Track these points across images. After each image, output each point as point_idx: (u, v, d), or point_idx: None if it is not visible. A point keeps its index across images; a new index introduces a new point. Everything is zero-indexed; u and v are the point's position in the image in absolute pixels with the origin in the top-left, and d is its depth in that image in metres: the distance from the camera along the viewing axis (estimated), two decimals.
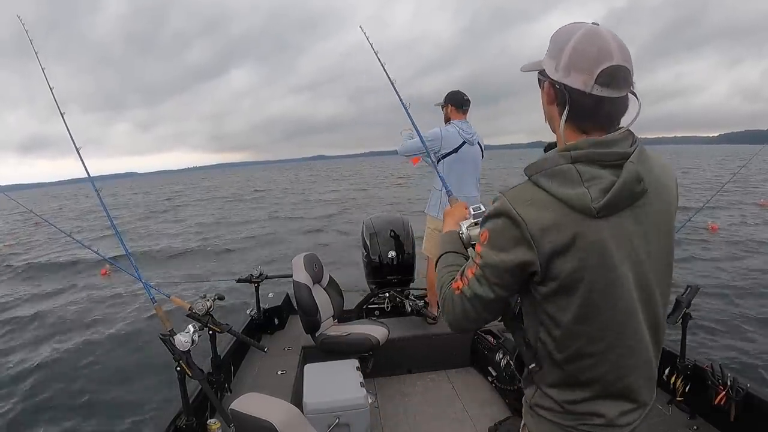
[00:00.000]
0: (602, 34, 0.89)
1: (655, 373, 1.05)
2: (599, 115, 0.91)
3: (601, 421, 0.99)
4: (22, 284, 10.26)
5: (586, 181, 0.87)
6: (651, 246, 0.94)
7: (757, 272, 7.95)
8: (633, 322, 0.95)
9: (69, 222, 22.88)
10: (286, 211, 21.38)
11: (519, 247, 0.90)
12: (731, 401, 1.96)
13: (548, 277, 0.91)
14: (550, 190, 0.89)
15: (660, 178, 0.96)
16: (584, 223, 0.87)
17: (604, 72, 0.87)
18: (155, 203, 32.83)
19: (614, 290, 0.91)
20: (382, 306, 3.65)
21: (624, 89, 0.90)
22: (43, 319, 7.44)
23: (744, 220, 13.05)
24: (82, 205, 33.68)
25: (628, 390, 0.99)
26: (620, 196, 0.87)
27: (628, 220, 0.90)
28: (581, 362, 0.96)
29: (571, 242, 0.88)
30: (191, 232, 16.71)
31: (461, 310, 1.01)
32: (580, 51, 0.89)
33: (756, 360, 4.86)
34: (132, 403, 4.58)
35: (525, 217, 0.89)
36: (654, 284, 0.97)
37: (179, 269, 10.66)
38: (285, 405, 1.73)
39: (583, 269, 0.89)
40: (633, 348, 0.96)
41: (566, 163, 0.89)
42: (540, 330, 0.98)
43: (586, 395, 0.98)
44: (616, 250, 0.90)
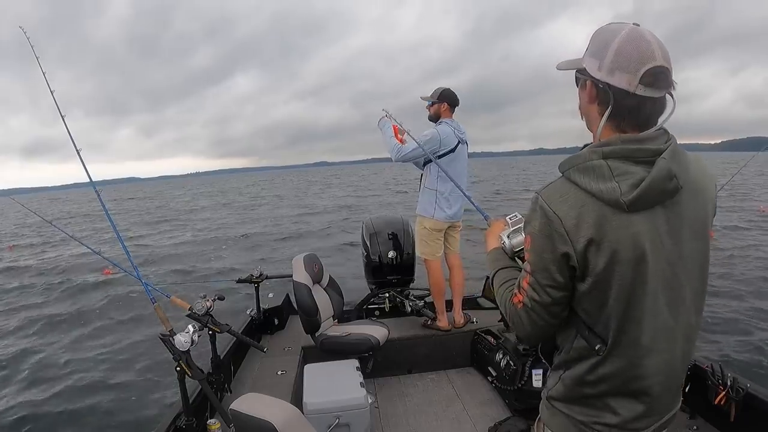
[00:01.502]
0: (645, 34, 0.90)
1: (680, 380, 1.04)
2: (640, 114, 0.92)
3: (614, 420, 0.99)
4: (24, 284, 10.26)
5: (617, 176, 0.88)
6: (684, 247, 0.94)
7: (757, 273, 7.96)
8: (657, 323, 0.95)
9: (79, 225, 22.84)
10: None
11: (557, 243, 0.92)
12: (731, 401, 1.96)
13: (585, 273, 0.92)
14: (583, 185, 0.91)
15: (697, 178, 0.96)
16: (615, 217, 0.88)
17: (648, 72, 0.88)
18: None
19: (643, 286, 0.91)
20: (382, 306, 3.65)
21: (664, 89, 0.91)
22: (43, 319, 7.44)
23: (744, 225, 13.05)
24: (90, 208, 33.55)
25: (643, 392, 0.98)
26: (650, 191, 0.88)
27: (660, 217, 0.91)
28: (604, 359, 0.96)
29: (603, 235, 0.89)
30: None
31: (528, 322, 1.01)
32: (624, 51, 0.89)
33: (756, 360, 4.86)
34: (132, 403, 4.57)
35: (559, 213, 0.91)
36: (686, 287, 0.96)
37: (180, 269, 10.66)
38: (285, 405, 1.73)
39: (616, 263, 0.89)
40: (653, 349, 0.96)
41: (598, 158, 0.90)
42: (575, 327, 1.00)
43: (603, 390, 0.99)
44: (649, 246, 0.90)
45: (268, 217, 19.76)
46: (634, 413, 0.99)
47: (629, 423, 0.99)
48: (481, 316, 3.43)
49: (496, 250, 1.24)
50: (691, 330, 1.01)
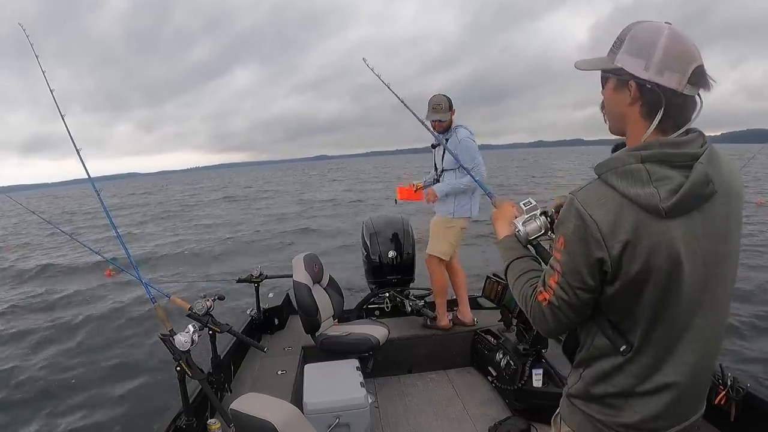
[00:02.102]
0: (684, 35, 0.90)
1: (706, 382, 1.04)
2: (684, 114, 0.92)
3: (632, 420, 0.99)
4: (23, 284, 10.26)
5: (656, 181, 0.88)
6: (719, 249, 0.94)
7: (757, 272, 7.95)
8: (688, 325, 0.95)
9: (79, 224, 22.80)
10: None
11: (592, 247, 0.91)
12: (731, 401, 1.96)
13: (617, 277, 0.91)
14: (620, 189, 0.90)
15: (729, 180, 0.95)
16: (653, 223, 0.88)
17: (696, 71, 0.88)
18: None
19: (677, 290, 0.91)
20: (382, 306, 3.65)
21: (705, 88, 0.91)
22: (43, 319, 7.44)
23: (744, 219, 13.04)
24: (91, 206, 33.48)
25: (666, 393, 0.97)
26: (689, 196, 0.88)
27: (697, 222, 0.90)
28: (638, 353, 0.96)
29: (639, 241, 0.88)
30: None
31: (553, 320, 1.01)
32: (673, 51, 0.88)
33: (756, 360, 4.86)
34: (132, 403, 4.58)
35: (596, 217, 0.90)
36: (720, 288, 0.96)
37: (179, 269, 10.66)
38: (285, 405, 1.73)
39: (650, 269, 0.89)
40: (681, 351, 0.96)
41: (636, 162, 0.90)
42: (599, 326, 1.00)
43: (623, 390, 0.98)
44: (684, 250, 0.89)
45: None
46: (653, 413, 0.98)
47: (648, 423, 0.98)
48: (481, 316, 3.43)
49: (510, 238, 1.21)
50: (720, 331, 1.01)
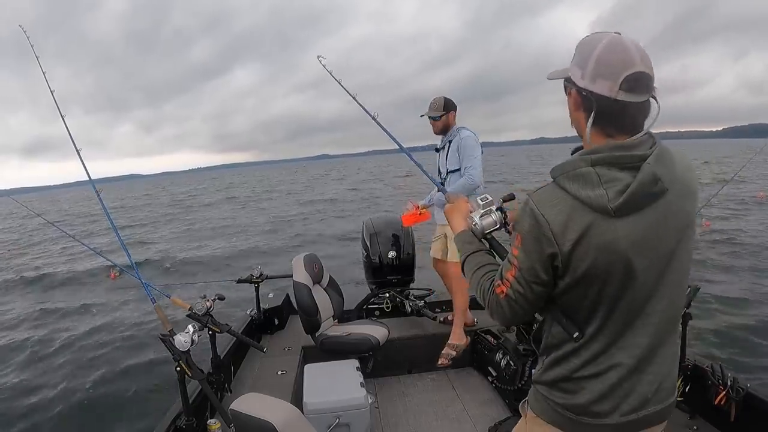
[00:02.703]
0: (625, 42, 0.96)
1: (665, 369, 1.08)
2: (624, 119, 0.98)
3: (573, 400, 1.07)
4: (22, 284, 10.26)
5: (605, 183, 0.94)
6: (672, 242, 1.00)
7: (757, 272, 7.95)
8: (639, 313, 1.01)
9: (83, 226, 22.78)
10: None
11: (544, 245, 0.98)
12: (731, 401, 1.96)
13: (567, 272, 0.99)
14: (572, 192, 0.96)
15: (683, 177, 1.01)
16: (603, 222, 0.94)
17: (628, 78, 0.93)
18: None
19: (629, 286, 0.98)
20: (382, 306, 3.65)
21: (646, 94, 0.96)
22: (42, 319, 7.45)
23: (742, 214, 13.02)
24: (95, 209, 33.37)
25: (620, 377, 1.03)
26: (637, 195, 0.93)
27: (648, 219, 0.96)
28: (590, 340, 1.03)
29: (587, 239, 0.95)
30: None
31: (510, 311, 1.09)
32: (604, 59, 0.95)
33: (756, 360, 4.86)
34: (132, 403, 4.58)
35: (548, 217, 0.97)
36: (672, 279, 1.02)
37: (180, 269, 10.66)
38: (285, 405, 1.73)
39: (601, 265, 0.96)
40: (634, 338, 1.02)
41: (586, 166, 0.96)
42: (558, 313, 1.07)
43: (580, 374, 1.05)
44: (632, 247, 0.96)
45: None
46: (600, 393, 1.04)
47: (597, 403, 1.05)
48: (481, 316, 3.43)
49: (466, 233, 1.28)
50: (671, 315, 1.06)
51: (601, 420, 1.05)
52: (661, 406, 1.08)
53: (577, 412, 1.07)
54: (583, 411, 1.06)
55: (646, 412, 1.06)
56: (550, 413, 1.11)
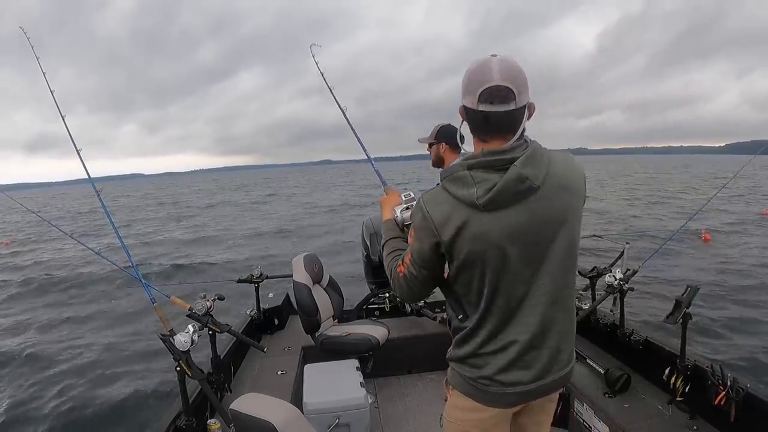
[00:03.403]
0: (489, 63, 1.12)
1: (553, 342, 1.23)
2: (489, 126, 1.14)
3: (481, 372, 1.24)
4: (21, 283, 10.26)
5: (477, 183, 1.12)
6: (548, 232, 1.16)
7: (757, 273, 7.96)
8: (519, 293, 1.18)
9: (85, 224, 22.75)
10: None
11: (429, 236, 1.18)
12: (731, 401, 1.95)
13: (452, 258, 1.19)
14: (452, 192, 1.15)
15: (561, 177, 1.17)
16: (476, 216, 1.13)
17: (483, 92, 1.10)
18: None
19: (505, 270, 1.16)
20: (382, 306, 3.65)
21: (507, 104, 1.11)
22: (42, 319, 7.44)
23: (746, 228, 13.04)
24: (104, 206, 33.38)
25: (512, 350, 1.21)
26: (502, 192, 1.10)
27: (521, 213, 1.13)
28: (482, 319, 1.22)
29: (464, 230, 1.14)
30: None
31: (407, 288, 1.32)
32: (469, 78, 1.13)
33: (756, 360, 4.86)
34: (132, 403, 4.58)
35: (432, 213, 1.17)
36: (550, 264, 1.18)
37: (180, 269, 10.66)
38: (285, 405, 1.73)
39: (475, 252, 1.15)
40: (517, 314, 1.20)
41: (463, 170, 1.14)
42: (455, 296, 1.26)
43: (480, 350, 1.24)
44: (504, 237, 1.13)
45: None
46: (504, 365, 1.22)
47: (502, 373, 1.22)
48: None
49: (390, 221, 1.48)
50: (556, 297, 1.21)
51: (507, 389, 1.23)
52: (559, 375, 1.26)
53: (486, 383, 1.25)
54: (491, 382, 1.24)
55: (544, 382, 1.24)
56: (465, 386, 1.29)
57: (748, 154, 5.68)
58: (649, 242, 9.25)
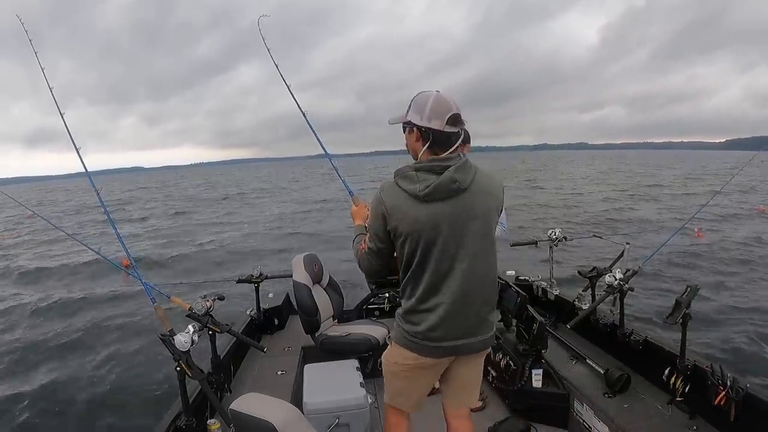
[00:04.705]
0: (445, 96, 1.53)
1: (470, 309, 1.59)
2: (448, 143, 1.54)
3: (420, 329, 1.60)
4: (20, 283, 10.24)
5: (420, 181, 1.52)
6: (469, 223, 1.54)
7: (757, 273, 7.96)
8: (443, 267, 1.55)
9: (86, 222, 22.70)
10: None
11: (382, 217, 1.58)
12: (731, 401, 1.95)
13: (397, 235, 1.57)
14: (401, 186, 1.55)
15: (484, 184, 1.58)
16: (418, 205, 1.52)
17: (449, 118, 1.50)
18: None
19: (435, 246, 1.54)
20: (382, 306, 3.65)
21: (459, 126, 1.53)
22: (42, 319, 7.43)
23: (743, 225, 13.05)
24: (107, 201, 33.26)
25: (438, 311, 1.57)
26: (438, 189, 1.50)
27: (450, 206, 1.52)
28: (415, 285, 1.60)
29: (407, 215, 1.53)
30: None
31: (368, 262, 1.69)
32: (435, 108, 1.51)
33: (756, 360, 4.86)
34: (132, 403, 4.57)
35: (385, 200, 1.56)
36: (467, 247, 1.55)
37: (180, 269, 10.66)
38: (285, 405, 1.73)
39: (414, 232, 1.54)
40: (441, 282, 1.56)
41: (412, 171, 1.54)
42: (401, 266, 1.63)
43: (415, 309, 1.60)
44: (436, 222, 1.52)
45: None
46: (434, 323, 1.58)
47: (432, 330, 1.58)
48: None
49: (361, 226, 1.87)
50: (475, 272, 1.57)
51: (436, 343, 1.59)
52: (481, 338, 1.64)
53: (419, 337, 1.60)
54: (423, 337, 1.60)
55: (467, 341, 1.61)
56: (402, 339, 1.66)
57: (748, 150, 5.69)
58: (649, 242, 9.25)
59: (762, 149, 3.32)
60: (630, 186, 26.86)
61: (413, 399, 1.81)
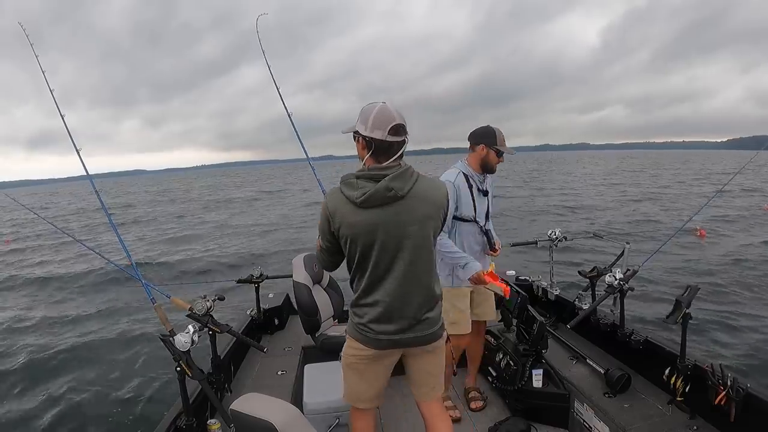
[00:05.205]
0: (389, 108, 1.62)
1: (409, 306, 1.69)
2: (389, 151, 1.62)
3: (360, 320, 1.74)
4: (19, 281, 10.25)
5: (359, 188, 1.60)
6: (406, 228, 1.63)
7: (757, 273, 7.95)
8: (381, 267, 1.66)
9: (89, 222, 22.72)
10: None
11: (326, 219, 1.69)
12: (731, 401, 1.95)
13: (339, 236, 1.68)
14: (343, 191, 1.64)
15: (423, 192, 1.65)
16: (356, 210, 1.61)
17: (392, 128, 1.59)
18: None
19: (372, 249, 1.64)
20: None
21: (402, 136, 1.62)
22: (42, 319, 7.44)
23: (748, 223, 13.04)
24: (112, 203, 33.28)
25: (378, 307, 1.69)
26: (373, 196, 1.58)
27: (388, 212, 1.61)
28: (359, 281, 1.72)
29: (346, 219, 1.63)
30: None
31: (320, 256, 1.83)
32: (378, 119, 1.60)
33: (756, 360, 4.86)
34: (132, 403, 4.57)
35: (329, 204, 1.67)
36: (404, 250, 1.65)
37: (180, 269, 10.66)
38: (285, 405, 1.73)
39: (352, 234, 1.64)
40: (380, 281, 1.68)
41: (353, 178, 1.63)
42: (347, 264, 1.76)
43: (360, 302, 1.73)
44: (372, 227, 1.61)
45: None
46: (375, 317, 1.70)
47: (374, 323, 1.71)
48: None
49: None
50: (412, 275, 1.67)
51: (378, 336, 1.71)
52: (421, 334, 1.73)
53: (364, 329, 1.73)
54: (367, 329, 1.72)
55: (405, 336, 1.71)
56: (353, 331, 1.79)
57: (748, 150, 5.68)
58: (649, 242, 9.25)
59: (762, 148, 3.30)
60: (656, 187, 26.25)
61: (369, 394, 1.86)
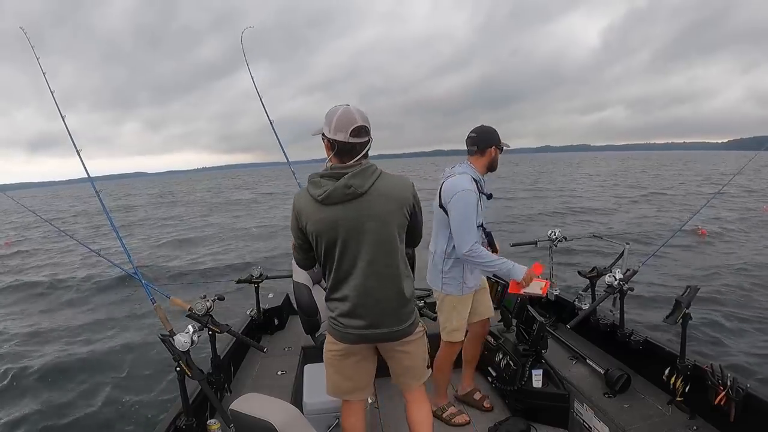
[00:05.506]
0: (351, 110, 1.67)
1: (376, 301, 1.73)
2: (353, 152, 1.67)
3: (332, 314, 1.79)
4: (20, 283, 10.25)
5: (322, 186, 1.67)
6: (367, 225, 1.68)
7: (757, 273, 7.95)
8: (346, 264, 1.71)
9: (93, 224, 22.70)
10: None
11: (295, 217, 1.76)
12: (731, 401, 1.95)
13: (307, 233, 1.74)
14: (309, 190, 1.71)
15: (385, 189, 1.69)
16: (319, 207, 1.68)
17: (354, 130, 1.64)
18: None
19: (336, 246, 1.70)
20: None
21: (364, 137, 1.68)
22: (41, 319, 7.44)
23: (748, 224, 13.04)
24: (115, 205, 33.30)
25: (347, 301, 1.74)
26: (333, 194, 1.64)
27: (348, 209, 1.66)
28: (328, 276, 1.78)
29: (311, 217, 1.71)
30: None
31: (295, 254, 1.88)
32: (340, 121, 1.65)
33: (756, 360, 4.86)
34: (132, 403, 4.58)
35: (296, 204, 1.75)
36: (366, 247, 1.69)
37: (180, 270, 10.66)
38: (285, 405, 1.73)
39: (316, 231, 1.71)
40: (345, 277, 1.73)
41: (317, 177, 1.70)
42: (318, 260, 1.81)
43: (332, 297, 1.79)
44: (333, 224, 1.68)
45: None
46: (345, 311, 1.75)
47: (344, 317, 1.76)
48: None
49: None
50: (376, 271, 1.71)
51: (347, 330, 1.76)
52: (389, 330, 1.77)
53: (335, 324, 1.79)
54: (338, 323, 1.78)
55: (374, 331, 1.75)
56: (329, 326, 1.84)
57: (749, 150, 5.69)
58: (649, 242, 9.25)
59: (763, 149, 3.30)
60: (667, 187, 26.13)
61: (347, 386, 1.92)
